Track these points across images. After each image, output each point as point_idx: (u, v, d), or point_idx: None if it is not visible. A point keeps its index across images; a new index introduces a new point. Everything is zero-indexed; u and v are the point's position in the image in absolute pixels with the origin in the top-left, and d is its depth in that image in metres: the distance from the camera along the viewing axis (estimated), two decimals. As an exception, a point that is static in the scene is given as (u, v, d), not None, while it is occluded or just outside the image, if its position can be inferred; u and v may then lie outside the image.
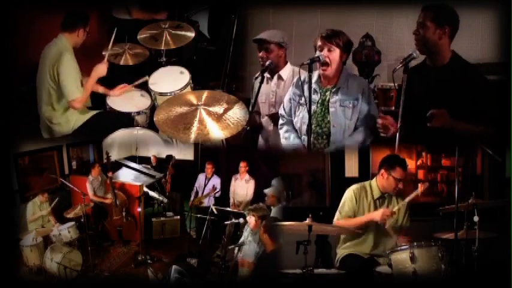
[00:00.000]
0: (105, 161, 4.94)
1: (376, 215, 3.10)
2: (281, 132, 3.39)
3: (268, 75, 3.66)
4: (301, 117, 3.22)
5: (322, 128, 3.16)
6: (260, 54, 3.58)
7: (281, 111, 3.41)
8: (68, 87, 3.65)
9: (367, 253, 3.20)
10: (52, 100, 3.74)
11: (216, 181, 5.34)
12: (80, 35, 3.77)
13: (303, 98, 3.12)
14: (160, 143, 4.19)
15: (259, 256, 3.39)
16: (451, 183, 4.47)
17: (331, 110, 3.12)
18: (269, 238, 3.39)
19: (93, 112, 3.91)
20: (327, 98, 3.15)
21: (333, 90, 3.14)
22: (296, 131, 3.29)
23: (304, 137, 3.15)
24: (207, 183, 5.34)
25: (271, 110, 3.69)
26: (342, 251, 3.28)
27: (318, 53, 3.06)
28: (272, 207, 4.19)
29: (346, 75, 3.16)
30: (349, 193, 3.25)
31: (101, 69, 3.81)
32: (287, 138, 3.33)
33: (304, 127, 3.12)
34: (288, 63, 3.68)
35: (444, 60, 2.97)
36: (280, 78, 3.67)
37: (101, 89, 3.95)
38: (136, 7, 4.60)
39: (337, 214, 3.24)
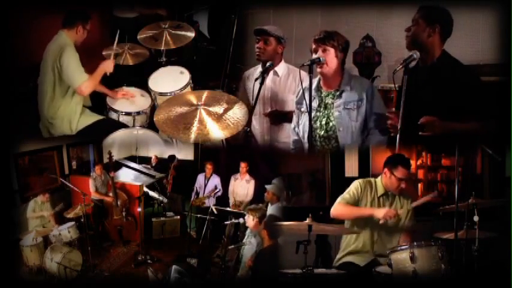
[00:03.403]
0: (107, 160, 4.95)
1: (379, 212, 3.04)
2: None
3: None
4: (303, 124, 3.21)
5: (328, 132, 3.13)
6: (258, 44, 3.58)
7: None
8: (73, 74, 3.67)
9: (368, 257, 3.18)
10: (56, 95, 3.74)
11: (216, 180, 5.35)
12: (80, 32, 3.77)
13: (304, 106, 3.11)
14: (160, 143, 4.19)
15: (257, 255, 3.40)
16: (451, 182, 4.48)
17: (335, 114, 3.08)
18: (267, 233, 3.40)
19: (96, 117, 3.91)
20: (330, 102, 3.12)
21: (336, 94, 3.10)
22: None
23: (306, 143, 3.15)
24: (207, 183, 5.34)
25: (266, 106, 3.69)
26: (341, 255, 3.26)
27: (315, 55, 3.05)
28: (270, 204, 4.19)
29: (348, 76, 3.14)
30: (356, 183, 3.21)
31: (107, 64, 3.85)
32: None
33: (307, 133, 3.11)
34: (283, 61, 3.68)
35: (433, 59, 2.97)
36: (275, 74, 3.67)
37: (98, 87, 3.94)
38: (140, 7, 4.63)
39: (339, 198, 3.17)
